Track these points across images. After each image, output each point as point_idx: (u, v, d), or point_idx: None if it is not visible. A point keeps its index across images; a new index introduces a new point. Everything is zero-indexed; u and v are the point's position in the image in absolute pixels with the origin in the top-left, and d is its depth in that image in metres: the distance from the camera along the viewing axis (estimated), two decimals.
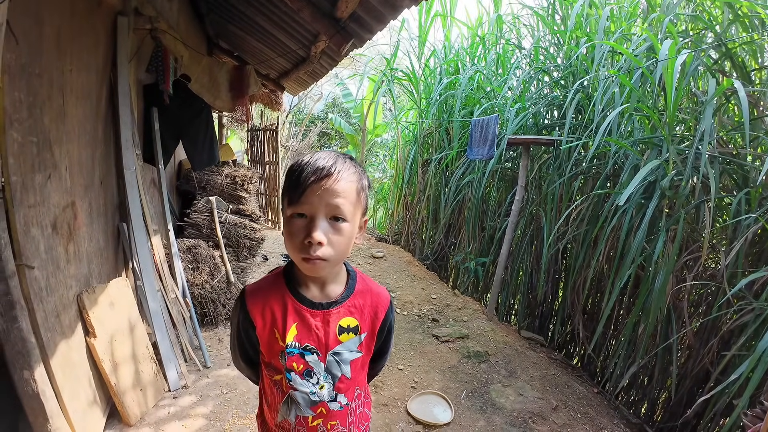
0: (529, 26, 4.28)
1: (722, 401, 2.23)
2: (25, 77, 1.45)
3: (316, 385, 0.81)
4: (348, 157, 0.79)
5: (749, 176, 2.54)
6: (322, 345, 0.81)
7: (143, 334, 2.15)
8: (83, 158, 1.92)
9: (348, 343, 0.82)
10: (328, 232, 0.73)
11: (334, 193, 0.72)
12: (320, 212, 0.72)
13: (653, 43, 2.50)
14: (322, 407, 0.83)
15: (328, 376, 0.82)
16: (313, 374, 0.81)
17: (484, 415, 2.29)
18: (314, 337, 0.80)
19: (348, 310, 0.82)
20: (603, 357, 3.36)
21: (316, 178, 0.72)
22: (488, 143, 3.05)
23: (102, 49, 2.09)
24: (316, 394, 0.81)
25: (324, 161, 0.73)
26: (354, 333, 0.82)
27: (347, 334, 0.82)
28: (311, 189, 0.72)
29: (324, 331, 0.80)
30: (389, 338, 0.93)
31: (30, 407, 1.53)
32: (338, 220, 0.74)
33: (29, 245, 1.53)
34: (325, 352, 0.81)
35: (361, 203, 0.78)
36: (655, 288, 2.51)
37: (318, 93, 9.89)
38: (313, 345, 0.80)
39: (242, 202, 3.51)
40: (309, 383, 0.81)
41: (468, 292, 4.40)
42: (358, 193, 0.76)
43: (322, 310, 0.81)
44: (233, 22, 3.86)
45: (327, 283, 0.83)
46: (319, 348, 0.80)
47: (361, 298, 0.84)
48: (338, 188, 0.72)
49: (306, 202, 0.72)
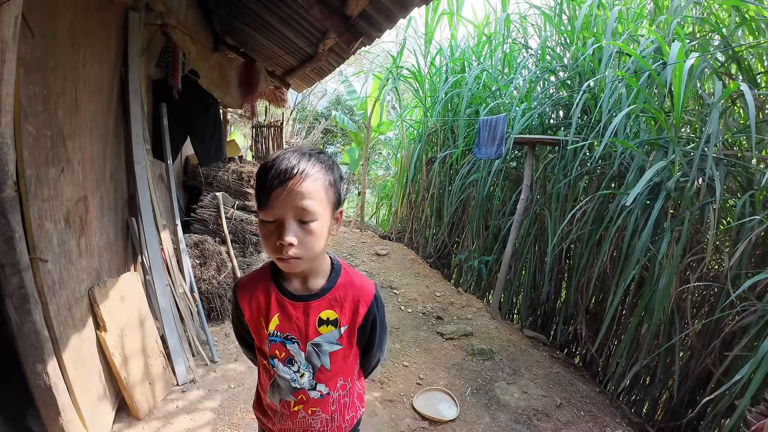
0: (536, 26, 4.28)
1: (724, 402, 2.25)
2: (40, 71, 1.46)
3: (297, 373, 0.86)
4: (315, 153, 0.77)
5: (753, 178, 2.55)
6: (302, 335, 0.84)
7: (153, 329, 2.16)
8: (95, 152, 1.93)
9: (327, 335, 0.85)
10: (298, 234, 0.73)
11: (299, 195, 0.71)
12: (288, 215, 0.73)
13: (661, 45, 2.50)
14: (302, 394, 0.88)
15: (308, 365, 0.86)
16: (294, 362, 0.86)
17: (489, 412, 2.31)
18: (295, 327, 0.84)
19: (328, 303, 0.85)
20: (605, 357, 3.38)
21: (279, 181, 0.71)
22: (496, 142, 3.07)
23: (113, 44, 2.09)
24: (296, 381, 0.87)
25: (287, 162, 0.72)
26: (333, 326, 0.85)
27: (326, 326, 0.85)
28: (276, 193, 0.71)
29: (304, 322, 0.84)
30: (375, 333, 0.92)
31: (42, 400, 1.54)
32: (306, 222, 0.74)
33: (43, 239, 1.54)
34: (305, 343, 0.85)
35: (331, 198, 0.78)
36: (659, 288, 2.53)
37: (322, 90, 9.88)
38: (294, 335, 0.85)
39: (248, 198, 3.51)
40: (290, 371, 0.86)
41: (471, 290, 4.42)
42: (326, 190, 0.76)
43: (302, 302, 0.84)
44: (240, 19, 3.86)
45: (309, 277, 0.85)
46: (300, 338, 0.85)
47: (342, 291, 0.86)
48: (303, 189, 0.72)
49: (273, 206, 0.72)
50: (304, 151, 0.76)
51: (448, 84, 4.62)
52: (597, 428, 2.30)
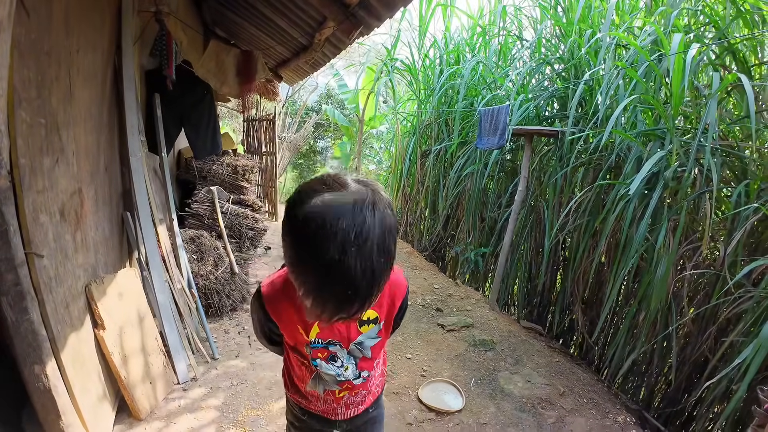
0: (531, 18, 4.29)
1: (721, 387, 2.30)
2: (34, 55, 1.38)
3: (341, 368, 0.87)
4: (388, 233, 0.56)
5: (748, 168, 2.60)
6: (345, 338, 0.85)
7: (152, 326, 2.09)
8: (89, 143, 1.85)
9: (368, 333, 0.86)
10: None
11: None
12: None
13: (660, 37, 2.52)
14: (348, 383, 0.90)
15: (350, 358, 0.87)
16: (337, 358, 0.87)
17: (494, 402, 2.32)
18: (336, 333, 0.84)
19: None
20: (600, 345, 3.44)
21: (340, 312, 0.56)
22: (498, 132, 3.06)
23: (107, 30, 2.00)
24: (341, 375, 0.88)
25: (355, 275, 0.52)
26: (374, 323, 0.86)
27: (367, 325, 0.86)
28: (332, 319, 0.58)
29: (345, 327, 0.84)
30: (403, 315, 0.96)
31: (41, 403, 1.48)
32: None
33: (38, 232, 1.47)
34: (347, 344, 0.86)
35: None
36: (656, 277, 2.57)
37: (313, 84, 9.75)
38: (336, 339, 0.85)
39: (243, 192, 3.44)
40: (334, 366, 0.87)
41: (467, 282, 4.43)
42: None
43: None
44: (232, 9, 3.75)
45: None
46: (342, 341, 0.85)
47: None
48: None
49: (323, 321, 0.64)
50: (372, 235, 0.53)
51: (443, 77, 4.60)
52: (600, 415, 2.33)
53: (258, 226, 3.34)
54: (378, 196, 0.57)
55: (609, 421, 2.28)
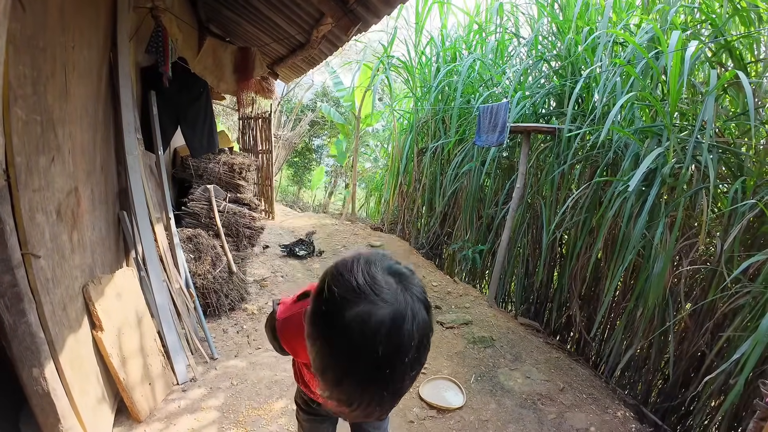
0: (527, 15, 4.29)
1: (718, 381, 2.33)
2: (30, 50, 1.35)
3: None
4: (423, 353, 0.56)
5: (744, 165, 2.63)
6: None
7: (150, 327, 2.07)
8: (85, 141, 1.81)
9: None
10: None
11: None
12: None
13: (658, 34, 2.53)
14: None
15: None
16: None
17: (495, 398, 2.33)
18: None
19: None
20: (597, 341, 3.46)
21: (361, 417, 0.55)
22: (498, 129, 3.06)
23: (102, 26, 1.96)
24: None
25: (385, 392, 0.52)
26: None
27: None
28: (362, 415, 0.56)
29: None
30: None
31: (40, 407, 1.46)
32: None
33: (35, 233, 1.44)
34: None
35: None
36: (654, 273, 2.59)
37: (308, 82, 9.69)
38: None
39: (240, 190, 3.41)
40: None
41: (465, 279, 4.44)
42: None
43: None
44: (227, 6, 3.71)
45: None
46: None
47: None
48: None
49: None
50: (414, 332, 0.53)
51: (440, 74, 4.59)
52: (599, 410, 2.35)
53: (255, 225, 3.31)
54: (416, 296, 0.55)
55: (609, 416, 2.29)
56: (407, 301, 0.54)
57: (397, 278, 0.56)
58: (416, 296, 0.56)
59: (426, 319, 0.55)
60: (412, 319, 0.52)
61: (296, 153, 10.68)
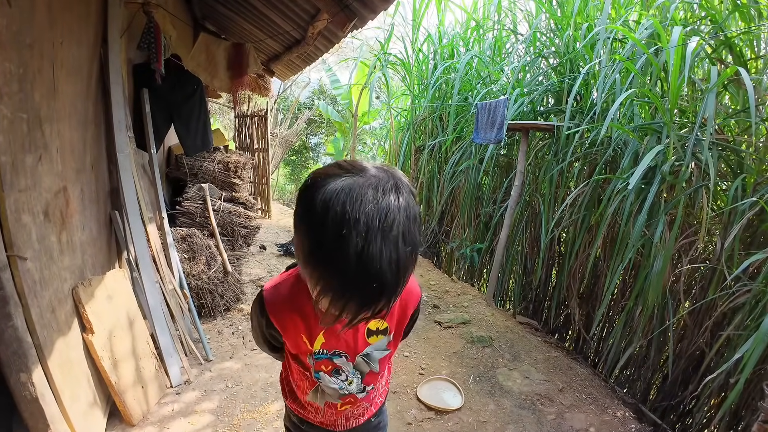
0: (525, 11, 4.25)
1: (719, 380, 2.31)
2: (16, 47, 1.31)
3: (345, 382, 0.82)
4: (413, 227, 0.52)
5: (744, 162, 2.61)
6: (351, 349, 0.80)
7: (143, 329, 2.03)
8: (74, 140, 1.77)
9: (377, 344, 0.81)
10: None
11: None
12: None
13: (658, 30, 2.50)
14: (351, 398, 0.85)
15: (356, 372, 0.82)
16: (342, 372, 0.81)
17: (494, 399, 2.30)
18: (343, 343, 0.79)
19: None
20: (596, 340, 3.45)
21: (364, 309, 0.52)
22: (496, 126, 3.02)
23: (92, 22, 1.92)
24: (345, 389, 0.83)
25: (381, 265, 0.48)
26: (383, 334, 0.81)
27: (376, 336, 0.80)
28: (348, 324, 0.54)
29: (353, 337, 0.79)
30: (413, 326, 0.91)
31: (29, 412, 1.42)
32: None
33: (21, 234, 1.40)
34: (354, 355, 0.80)
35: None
36: (653, 271, 2.56)
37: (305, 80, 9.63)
38: (342, 350, 0.79)
39: (236, 189, 3.37)
40: (338, 380, 0.81)
41: (463, 278, 4.42)
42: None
43: None
44: (222, 2, 3.66)
45: None
46: (348, 352, 0.80)
47: None
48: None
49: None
50: (394, 230, 0.48)
51: (437, 71, 4.55)
52: (599, 410, 2.33)
53: (251, 224, 3.27)
54: (400, 180, 0.53)
55: (608, 416, 2.28)
56: (391, 178, 0.52)
57: (384, 168, 0.55)
58: (402, 178, 0.54)
59: (414, 201, 0.53)
60: (396, 189, 0.51)
61: (293, 151, 10.63)
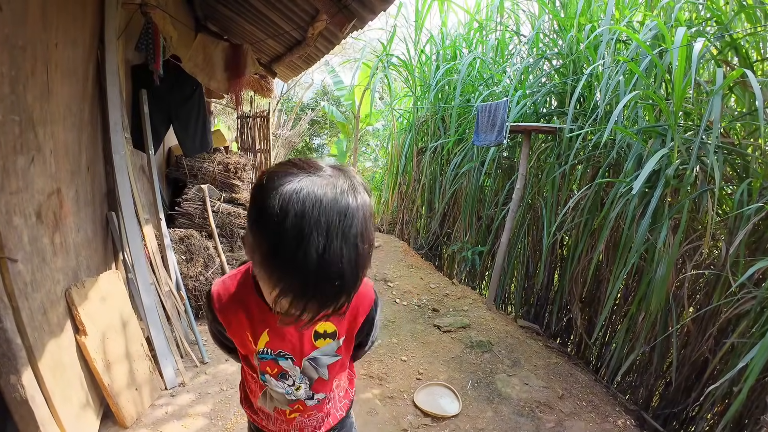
0: (528, 12, 4.21)
1: (722, 388, 2.26)
2: (7, 49, 1.30)
3: (292, 386, 0.79)
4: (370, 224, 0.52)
5: (750, 166, 2.55)
6: (297, 351, 0.76)
7: (137, 330, 2.02)
8: (69, 141, 1.77)
9: (325, 348, 0.77)
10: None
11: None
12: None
13: (663, 31, 2.46)
14: (299, 404, 0.82)
15: (304, 378, 0.78)
16: (289, 377, 0.78)
17: (492, 405, 2.27)
18: (288, 344, 0.75)
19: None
20: (598, 345, 3.40)
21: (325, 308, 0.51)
22: (497, 128, 2.98)
23: (89, 23, 1.92)
24: (292, 394, 0.79)
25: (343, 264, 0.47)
26: (331, 338, 0.77)
27: (324, 339, 0.76)
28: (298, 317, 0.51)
29: (298, 338, 0.75)
30: (370, 333, 0.85)
31: (19, 414, 1.42)
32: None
33: (11, 236, 1.40)
34: (300, 358, 0.76)
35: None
36: (657, 277, 2.52)
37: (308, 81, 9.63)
38: (287, 351, 0.75)
39: (235, 190, 3.36)
40: (284, 384, 0.78)
41: (464, 281, 4.38)
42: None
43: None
44: (224, 3, 3.66)
45: None
46: (294, 354, 0.76)
47: None
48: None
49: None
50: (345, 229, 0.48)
51: (439, 72, 4.52)
52: (599, 418, 2.29)
53: None
54: (355, 179, 0.54)
55: (609, 425, 2.23)
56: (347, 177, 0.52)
57: (336, 166, 0.55)
58: (356, 176, 0.54)
59: (366, 195, 0.53)
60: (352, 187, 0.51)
61: (297, 152, 10.64)
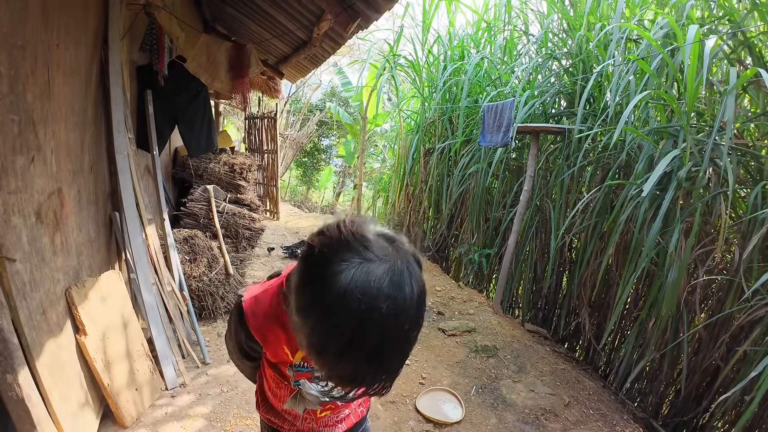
0: (537, 12, 4.15)
1: (734, 396, 2.18)
2: (6, 48, 1.30)
3: (326, 387, 0.78)
4: (422, 312, 0.52)
5: (764, 169, 2.46)
6: None
7: (138, 330, 2.02)
8: (71, 141, 1.77)
9: None
10: None
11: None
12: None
13: (674, 29, 2.39)
14: (332, 404, 0.83)
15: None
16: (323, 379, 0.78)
17: (496, 412, 2.22)
18: None
19: None
20: (607, 350, 3.32)
21: (369, 391, 0.53)
22: (503, 129, 2.93)
23: (92, 24, 1.92)
24: (327, 395, 0.79)
25: (390, 359, 0.50)
26: None
27: None
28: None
29: None
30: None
31: (15, 413, 1.41)
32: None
33: (10, 235, 1.40)
34: None
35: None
36: (668, 282, 2.44)
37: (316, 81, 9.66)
38: None
39: (241, 191, 3.36)
40: (320, 385, 0.78)
41: (471, 284, 4.33)
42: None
43: None
44: (231, 5, 3.67)
45: None
46: None
47: None
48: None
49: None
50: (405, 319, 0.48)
51: (447, 73, 4.48)
52: (607, 427, 2.22)
53: (255, 226, 3.27)
54: (407, 254, 0.52)
55: None
56: (401, 257, 0.51)
57: (385, 237, 0.54)
58: (408, 252, 0.53)
59: (421, 276, 0.53)
60: (409, 275, 0.49)
61: (305, 153, 10.67)
